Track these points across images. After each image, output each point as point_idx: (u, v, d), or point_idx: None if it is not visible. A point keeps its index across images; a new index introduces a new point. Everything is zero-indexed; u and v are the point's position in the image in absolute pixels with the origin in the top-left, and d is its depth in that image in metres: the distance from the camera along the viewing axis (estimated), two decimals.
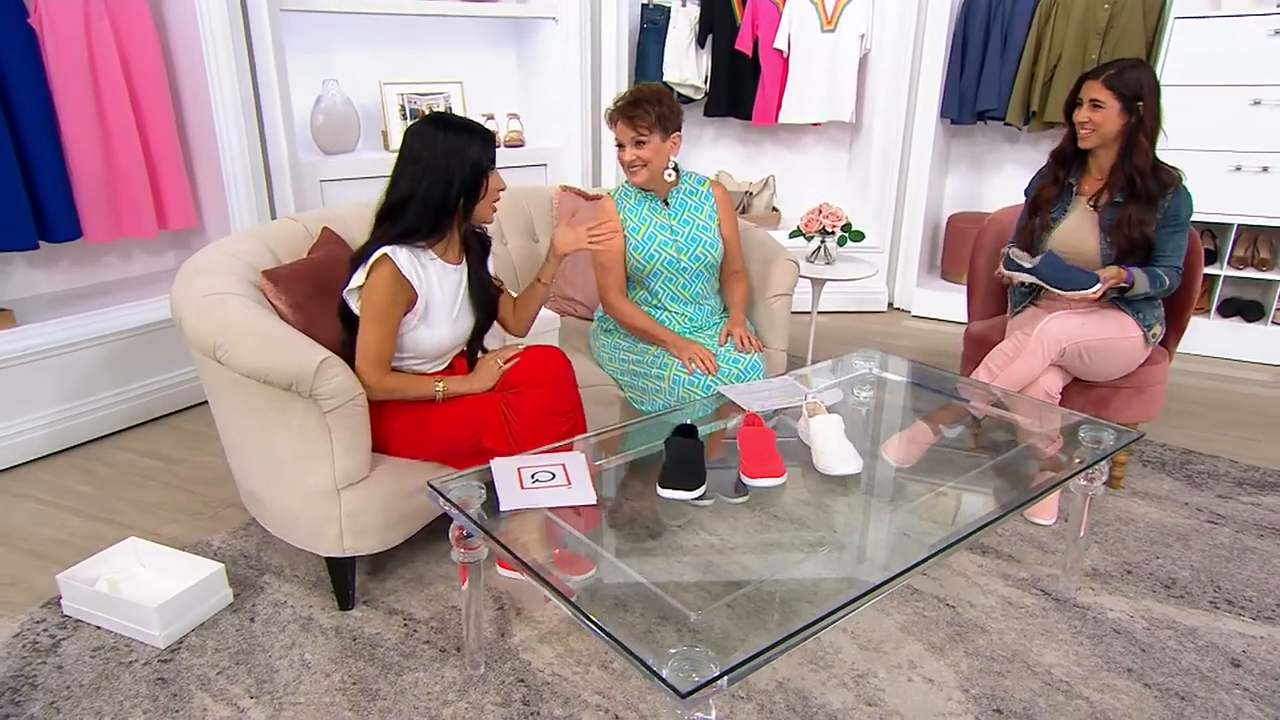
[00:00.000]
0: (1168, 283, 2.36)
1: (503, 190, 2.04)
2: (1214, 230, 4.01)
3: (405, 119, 3.84)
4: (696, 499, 1.72)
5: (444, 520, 2.15)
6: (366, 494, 1.94)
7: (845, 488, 1.86)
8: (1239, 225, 3.85)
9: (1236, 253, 3.95)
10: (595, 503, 1.68)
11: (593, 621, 1.32)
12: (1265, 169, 3.72)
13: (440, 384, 2.03)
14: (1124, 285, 2.35)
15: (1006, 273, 2.49)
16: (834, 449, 1.82)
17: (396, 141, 3.77)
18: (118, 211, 3.15)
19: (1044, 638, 1.98)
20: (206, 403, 3.29)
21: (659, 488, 1.73)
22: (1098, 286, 2.31)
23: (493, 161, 1.99)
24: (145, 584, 2.11)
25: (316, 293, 2.18)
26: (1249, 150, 3.73)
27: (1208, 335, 3.92)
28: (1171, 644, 1.97)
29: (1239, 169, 3.74)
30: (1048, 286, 2.40)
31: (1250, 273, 3.90)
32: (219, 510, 2.53)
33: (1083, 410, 2.34)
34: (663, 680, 1.20)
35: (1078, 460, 1.95)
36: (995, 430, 2.30)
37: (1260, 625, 2.05)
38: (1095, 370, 2.43)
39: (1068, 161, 2.51)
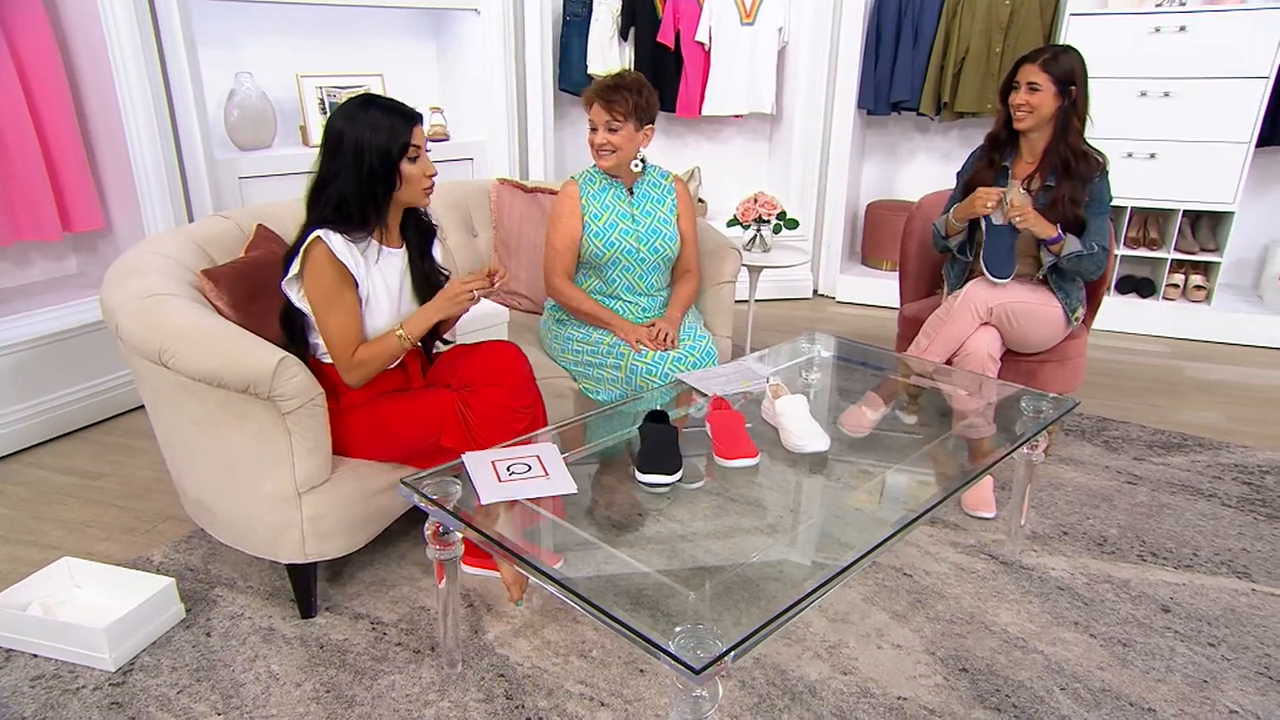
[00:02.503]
0: (1096, 248, 2.50)
1: (432, 176, 1.94)
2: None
3: (325, 113, 3.72)
4: (676, 482, 1.74)
5: (402, 522, 2.13)
6: (329, 497, 1.88)
7: (795, 470, 1.91)
8: (1131, 208, 4.13)
9: (1130, 234, 4.24)
10: (575, 491, 1.67)
11: (597, 608, 1.33)
12: (1153, 155, 4.00)
13: (400, 330, 1.93)
14: (1056, 239, 2.47)
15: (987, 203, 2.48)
16: (802, 427, 1.87)
17: (316, 136, 3.70)
18: (14, 213, 2.94)
19: (997, 599, 2.09)
20: (125, 414, 3.16)
21: (638, 473, 1.74)
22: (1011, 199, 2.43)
23: (406, 148, 1.85)
24: (85, 606, 1.99)
25: (260, 292, 2.09)
26: (1138, 138, 4.00)
27: (1107, 311, 4.19)
28: (1109, 596, 2.11)
29: (1130, 155, 4.01)
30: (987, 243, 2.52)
31: (1143, 252, 4.20)
32: (155, 524, 2.40)
33: (1012, 382, 2.48)
34: (674, 657, 1.21)
35: (1019, 431, 2.06)
36: (943, 405, 2.40)
37: (1182, 573, 2.22)
38: (1022, 335, 2.54)
39: (1001, 145, 2.63)
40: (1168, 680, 1.83)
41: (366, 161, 1.83)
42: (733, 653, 1.24)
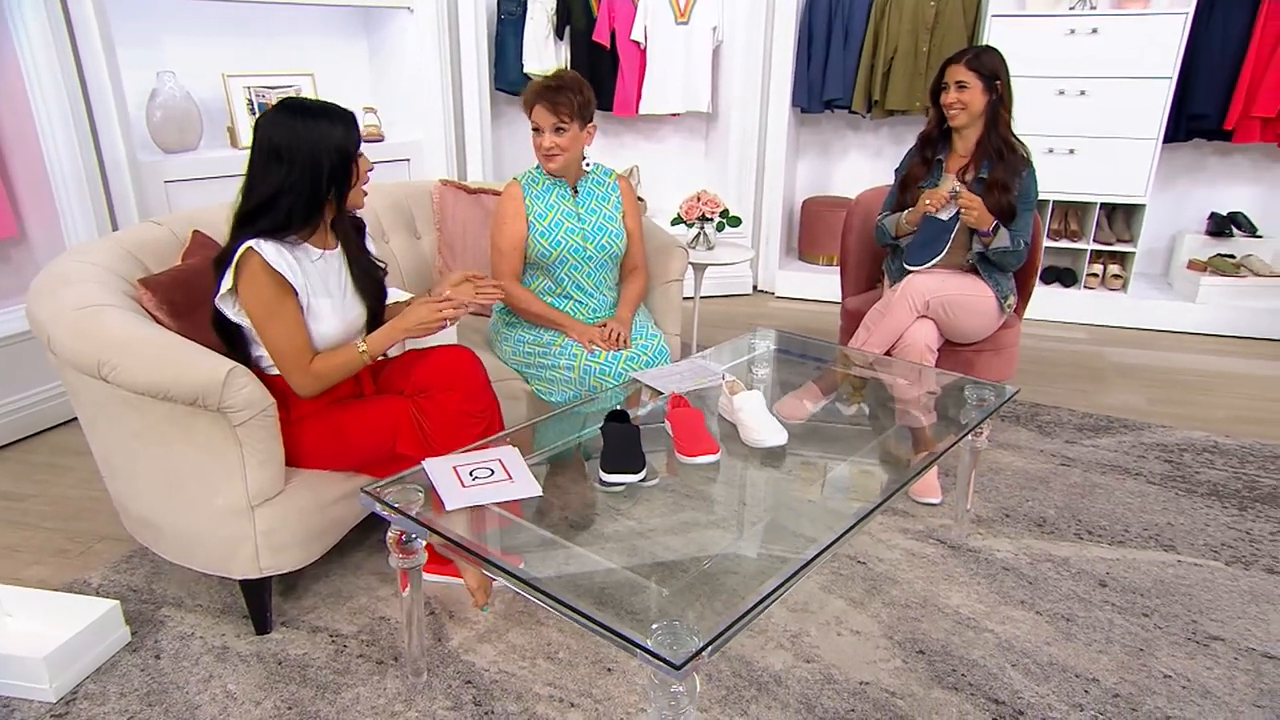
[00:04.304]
0: (1021, 245, 2.62)
1: (371, 170, 1.93)
2: None
3: (254, 114, 3.60)
4: (639, 481, 1.75)
5: (355, 532, 2.08)
6: (283, 509, 1.83)
7: (754, 465, 1.94)
8: (1053, 201, 4.32)
9: (1052, 226, 4.43)
10: (541, 494, 1.67)
11: (575, 610, 1.33)
12: (1072, 151, 4.19)
13: (362, 345, 1.91)
14: (987, 234, 2.57)
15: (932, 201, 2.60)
16: (760, 422, 1.90)
17: (245, 138, 3.58)
18: None
19: (947, 582, 2.17)
20: (49, 430, 3.01)
21: (601, 473, 1.75)
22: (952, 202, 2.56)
23: (359, 143, 1.88)
24: (19, 634, 1.88)
25: (200, 300, 2.00)
26: (1057, 135, 4.18)
27: (1033, 301, 4.32)
28: (1051, 574, 2.21)
29: (1051, 151, 4.18)
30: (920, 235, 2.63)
31: (1064, 243, 4.39)
32: (90, 545, 2.30)
33: (951, 371, 2.57)
34: (653, 654, 1.22)
35: (965, 419, 2.14)
36: (892, 397, 2.47)
37: (1116, 549, 2.33)
38: (958, 325, 2.64)
39: (934, 142, 2.73)
40: (1108, 651, 1.93)
41: (325, 168, 1.79)
42: (710, 647, 1.26)
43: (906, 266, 2.67)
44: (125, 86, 3.11)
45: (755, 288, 4.92)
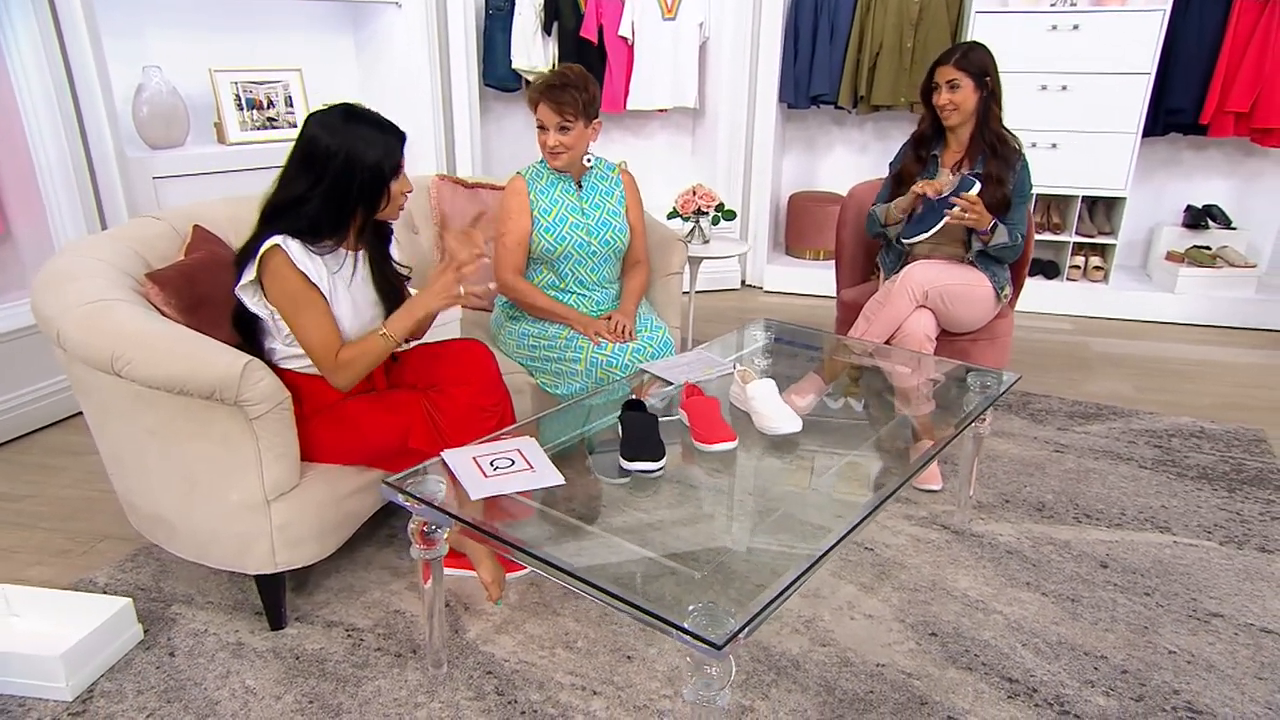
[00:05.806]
0: (1018, 239, 2.67)
1: (409, 193, 1.91)
2: None
3: (241, 109, 3.56)
4: (659, 470, 1.76)
5: (364, 527, 2.07)
6: (299, 503, 1.82)
7: (768, 452, 1.94)
8: (1036, 195, 4.38)
9: (1036, 219, 4.50)
10: (563, 482, 1.67)
11: (610, 594, 1.34)
12: (1054, 145, 4.27)
13: (383, 330, 1.86)
14: (985, 233, 2.61)
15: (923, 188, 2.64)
16: (775, 410, 1.92)
17: (231, 134, 3.55)
18: None
19: (954, 566, 2.20)
20: (40, 430, 2.96)
21: (622, 461, 1.75)
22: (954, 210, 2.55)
23: (398, 168, 1.84)
24: (27, 634, 1.86)
25: (208, 294, 2.00)
26: (1040, 129, 4.25)
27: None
28: (1054, 557, 2.26)
29: (1034, 145, 4.25)
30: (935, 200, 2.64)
31: (1047, 236, 4.47)
32: (92, 544, 2.26)
33: (950, 359, 2.61)
34: (694, 635, 1.24)
35: (971, 406, 2.17)
36: (895, 387, 2.51)
37: (1114, 531, 2.39)
38: (956, 315, 2.68)
39: (928, 141, 2.76)
40: (1114, 629, 1.98)
41: (356, 179, 1.77)
42: (747, 627, 1.28)
43: (901, 241, 2.72)
44: (111, 81, 3.06)
45: (744, 282, 4.96)
